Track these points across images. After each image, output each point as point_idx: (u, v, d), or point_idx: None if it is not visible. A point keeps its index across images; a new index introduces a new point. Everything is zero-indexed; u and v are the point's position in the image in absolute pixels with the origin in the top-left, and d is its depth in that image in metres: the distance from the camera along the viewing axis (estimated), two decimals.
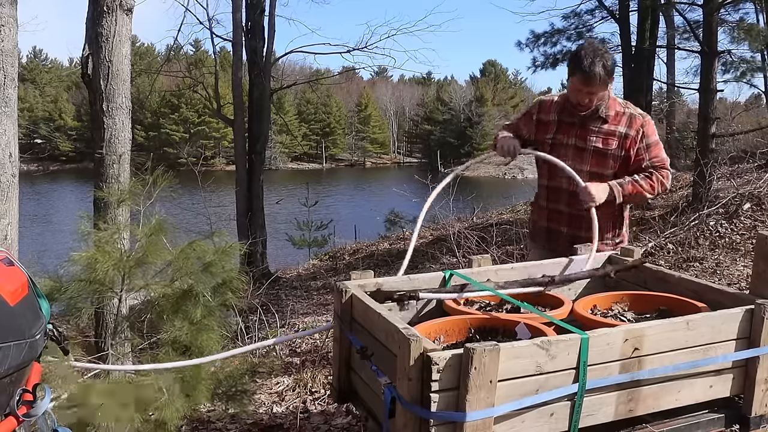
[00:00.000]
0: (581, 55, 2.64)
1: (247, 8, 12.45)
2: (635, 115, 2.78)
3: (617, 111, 2.78)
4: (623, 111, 2.79)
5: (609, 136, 2.75)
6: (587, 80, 2.63)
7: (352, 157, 64.16)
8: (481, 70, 69.36)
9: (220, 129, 51.18)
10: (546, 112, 2.89)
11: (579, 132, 2.78)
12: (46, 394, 1.07)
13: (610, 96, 2.79)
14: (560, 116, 2.84)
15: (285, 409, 3.52)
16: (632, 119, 2.76)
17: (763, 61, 12.01)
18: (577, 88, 2.69)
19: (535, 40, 12.26)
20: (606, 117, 2.76)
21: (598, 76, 2.61)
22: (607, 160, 2.76)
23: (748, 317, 1.92)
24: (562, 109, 2.84)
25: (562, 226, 2.88)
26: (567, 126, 2.82)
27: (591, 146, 2.76)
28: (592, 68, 2.60)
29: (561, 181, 2.82)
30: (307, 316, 6.63)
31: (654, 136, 2.79)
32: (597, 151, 2.76)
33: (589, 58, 2.61)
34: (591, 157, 2.77)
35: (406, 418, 1.64)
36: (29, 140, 50.61)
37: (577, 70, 2.65)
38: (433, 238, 12.08)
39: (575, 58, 2.67)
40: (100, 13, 4.33)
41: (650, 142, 2.76)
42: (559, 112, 2.85)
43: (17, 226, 3.51)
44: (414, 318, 2.27)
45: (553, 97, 2.93)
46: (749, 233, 6.63)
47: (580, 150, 2.78)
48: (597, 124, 2.76)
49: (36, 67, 63.10)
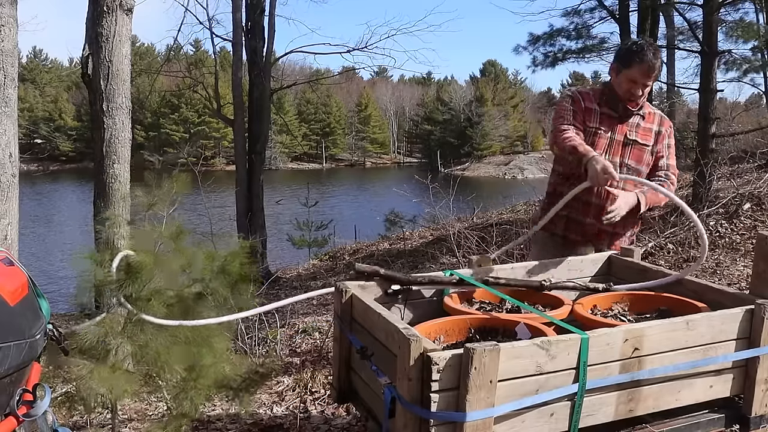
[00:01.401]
0: (644, 47, 2.69)
1: (247, 8, 12.45)
2: (663, 115, 2.91)
3: (649, 111, 2.87)
4: (653, 111, 2.89)
5: (647, 133, 2.82)
6: (649, 71, 2.68)
7: (352, 157, 64.17)
8: (481, 70, 69.38)
9: (220, 129, 51.21)
10: (588, 101, 2.85)
11: (619, 126, 2.81)
12: (46, 394, 1.07)
13: None
14: (602, 108, 2.83)
15: (285, 409, 3.52)
16: (662, 119, 2.88)
17: (763, 60, 12.00)
18: (634, 79, 2.70)
19: (533, 43, 12.24)
20: (643, 114, 2.83)
21: (659, 68, 2.70)
22: (644, 155, 2.81)
23: (748, 317, 1.92)
24: (601, 101, 2.84)
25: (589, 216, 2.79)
26: (608, 119, 2.82)
27: (630, 140, 2.80)
28: (655, 60, 2.67)
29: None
30: (307, 315, 6.62)
31: (672, 140, 2.91)
32: (636, 144, 2.80)
33: (651, 50, 2.67)
34: (631, 151, 2.80)
35: (406, 418, 1.64)
36: (29, 140, 50.66)
37: (639, 60, 2.67)
38: (433, 238, 12.08)
39: (636, 50, 2.70)
40: (100, 13, 4.33)
41: (671, 144, 2.89)
42: (599, 103, 2.84)
43: (17, 226, 3.51)
44: (414, 318, 2.27)
45: (589, 90, 2.91)
46: (749, 233, 6.63)
47: (619, 143, 2.80)
48: (635, 120, 2.82)
49: (36, 67, 63.12)
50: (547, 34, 12.04)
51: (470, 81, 68.79)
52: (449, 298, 2.27)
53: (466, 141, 58.90)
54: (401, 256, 11.32)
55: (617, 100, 2.79)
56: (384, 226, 15.64)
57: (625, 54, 2.75)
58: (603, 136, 2.79)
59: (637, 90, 2.73)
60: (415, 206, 13.78)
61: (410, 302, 2.31)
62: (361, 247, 13.88)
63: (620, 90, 2.76)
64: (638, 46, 2.71)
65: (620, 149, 2.80)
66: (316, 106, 61.19)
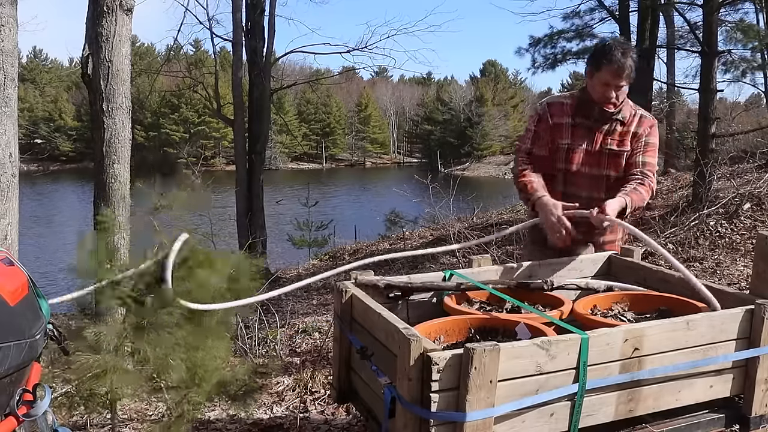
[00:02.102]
0: (612, 47, 2.60)
1: (247, 8, 12.45)
2: (645, 116, 2.76)
3: (630, 113, 2.74)
4: (635, 112, 2.75)
5: (624, 137, 2.71)
6: (618, 72, 2.57)
7: (352, 157, 64.18)
8: (481, 70, 69.36)
9: (220, 129, 51.18)
10: (559, 116, 2.77)
11: (596, 136, 2.72)
12: (46, 394, 1.07)
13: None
14: (575, 120, 2.74)
15: (285, 409, 3.53)
16: (642, 119, 2.74)
17: (763, 60, 12.00)
18: (606, 81, 2.61)
19: (534, 45, 12.24)
20: (622, 119, 2.71)
21: (630, 68, 2.58)
22: (621, 161, 2.71)
23: (748, 317, 1.92)
24: (577, 111, 2.75)
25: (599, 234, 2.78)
26: (583, 130, 2.73)
27: (606, 149, 2.71)
28: (624, 60, 2.56)
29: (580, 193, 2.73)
30: (307, 315, 6.63)
31: (655, 139, 2.75)
32: (612, 153, 2.70)
33: (619, 50, 2.57)
34: (609, 161, 2.71)
35: (406, 418, 1.64)
36: (29, 140, 50.65)
37: (607, 62, 2.58)
38: (433, 238, 12.07)
39: (604, 51, 2.61)
40: (100, 13, 4.33)
41: (650, 142, 2.72)
42: (573, 115, 2.75)
43: (17, 226, 3.51)
44: (414, 318, 2.27)
45: (562, 100, 2.82)
46: (749, 233, 6.64)
47: (596, 154, 2.71)
48: (613, 126, 2.71)
49: (36, 67, 63.10)
50: (547, 36, 12.05)
51: (470, 81, 68.79)
52: (449, 298, 2.27)
53: (466, 141, 58.89)
54: None
55: (593, 104, 2.70)
56: (384, 226, 15.65)
57: (595, 56, 2.67)
58: (578, 150, 2.72)
59: (610, 92, 2.63)
60: (415, 206, 13.79)
61: (410, 302, 2.31)
62: (361, 247, 13.88)
63: (595, 94, 2.67)
64: (607, 47, 2.62)
65: (598, 160, 2.71)
66: (316, 106, 61.19)
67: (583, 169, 2.72)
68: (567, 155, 2.73)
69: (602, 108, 2.68)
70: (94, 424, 3.17)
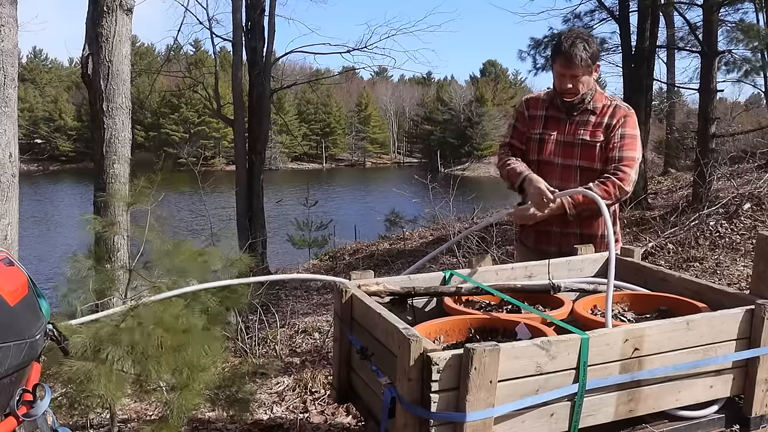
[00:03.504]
0: (561, 39, 2.68)
1: (247, 8, 12.45)
2: (620, 106, 2.76)
3: (604, 103, 2.76)
4: (609, 103, 2.77)
5: (597, 128, 2.73)
6: (568, 62, 2.64)
7: (352, 157, 64.19)
8: (481, 70, 69.43)
9: (220, 129, 51.19)
10: (534, 108, 2.87)
11: (567, 127, 2.77)
12: (46, 394, 1.07)
13: (597, 89, 2.78)
14: (548, 112, 2.82)
15: (285, 409, 3.53)
16: (616, 110, 2.74)
17: (763, 60, 12.00)
18: (560, 72, 2.69)
19: (535, 47, 12.26)
20: (594, 109, 2.75)
21: (579, 56, 2.62)
22: (594, 152, 2.72)
23: (748, 317, 1.91)
24: (550, 104, 2.83)
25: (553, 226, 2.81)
26: (555, 121, 2.80)
27: (579, 140, 2.74)
28: (572, 49, 2.62)
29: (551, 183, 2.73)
30: (307, 316, 6.63)
31: (632, 130, 2.73)
32: (585, 144, 2.73)
33: (569, 41, 2.64)
34: (579, 150, 2.74)
35: (406, 418, 1.64)
36: (29, 140, 50.61)
37: (557, 53, 2.67)
38: (433, 238, 12.09)
39: (555, 43, 2.72)
40: (100, 13, 4.33)
41: (626, 134, 2.71)
42: (547, 108, 2.84)
43: (17, 226, 3.51)
44: (414, 318, 2.27)
45: (540, 94, 2.91)
46: (749, 233, 6.63)
47: (568, 144, 2.76)
48: (585, 116, 2.75)
49: (36, 67, 63.11)
50: (548, 37, 12.07)
51: (470, 81, 68.82)
52: (449, 298, 2.27)
53: (466, 141, 58.88)
54: (401, 256, 11.31)
55: (557, 96, 2.77)
56: (384, 226, 15.65)
57: (551, 49, 2.78)
58: (549, 140, 2.78)
59: (566, 83, 2.68)
60: (415, 206, 13.79)
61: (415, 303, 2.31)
62: (361, 247, 13.88)
63: (556, 86, 2.76)
64: (557, 39, 2.72)
65: (570, 151, 2.75)
66: (316, 106, 61.21)
67: (555, 159, 2.77)
68: (539, 146, 2.81)
69: (563, 99, 2.74)
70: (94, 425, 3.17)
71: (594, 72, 2.72)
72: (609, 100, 2.79)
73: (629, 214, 9.13)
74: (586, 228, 2.77)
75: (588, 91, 2.72)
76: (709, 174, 8.69)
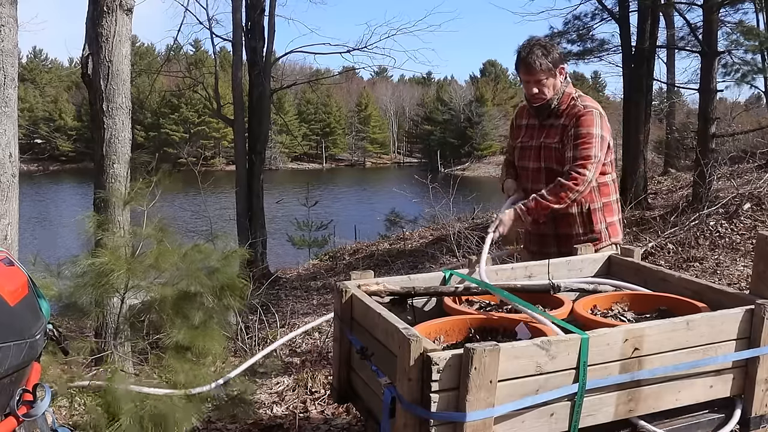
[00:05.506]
0: (519, 48, 2.79)
1: (247, 8, 12.44)
2: (577, 106, 2.76)
3: (568, 104, 2.79)
4: (572, 104, 2.79)
5: (560, 131, 2.80)
6: (528, 68, 2.74)
7: (352, 157, 64.18)
8: (481, 70, 69.40)
9: (220, 129, 51.18)
10: (520, 118, 3.02)
11: (539, 132, 2.88)
12: (46, 394, 1.07)
13: (566, 91, 2.80)
14: (528, 120, 2.96)
15: (285, 409, 3.52)
16: (572, 110, 2.76)
17: (763, 62, 12.00)
18: (525, 80, 2.81)
19: None
20: (559, 113, 2.82)
21: (537, 62, 2.71)
22: (558, 154, 2.79)
23: (748, 317, 1.91)
24: (529, 113, 2.96)
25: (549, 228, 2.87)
26: (531, 128, 2.93)
27: (545, 143, 2.84)
28: (530, 56, 2.72)
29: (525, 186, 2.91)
30: (307, 316, 6.63)
31: (586, 129, 2.69)
32: (548, 147, 2.83)
33: (526, 49, 2.75)
34: (545, 153, 2.84)
35: (406, 418, 1.64)
36: (29, 140, 50.64)
37: (518, 62, 2.79)
38: (433, 238, 12.08)
39: (516, 53, 2.81)
40: (100, 13, 4.33)
41: (580, 133, 2.69)
42: (528, 116, 2.97)
43: (17, 226, 3.51)
44: (414, 318, 2.27)
45: (526, 104, 3.01)
46: (749, 233, 6.63)
47: (538, 149, 2.87)
48: (552, 120, 2.84)
49: (36, 67, 63.11)
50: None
51: (470, 81, 68.82)
52: (449, 298, 2.27)
53: (466, 141, 58.87)
54: (401, 256, 11.32)
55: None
56: (384, 226, 15.65)
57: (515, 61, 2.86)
58: (526, 146, 2.93)
59: (531, 88, 2.78)
60: (415, 206, 13.78)
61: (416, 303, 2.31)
62: (361, 247, 13.88)
63: (525, 93, 2.87)
64: (518, 48, 2.81)
65: (539, 154, 2.86)
66: (316, 106, 61.21)
67: (530, 164, 2.90)
68: (520, 153, 2.98)
69: (532, 104, 2.87)
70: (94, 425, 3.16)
71: (559, 75, 2.79)
72: (573, 101, 2.80)
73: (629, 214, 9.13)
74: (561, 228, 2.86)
75: (555, 95, 2.80)
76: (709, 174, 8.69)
